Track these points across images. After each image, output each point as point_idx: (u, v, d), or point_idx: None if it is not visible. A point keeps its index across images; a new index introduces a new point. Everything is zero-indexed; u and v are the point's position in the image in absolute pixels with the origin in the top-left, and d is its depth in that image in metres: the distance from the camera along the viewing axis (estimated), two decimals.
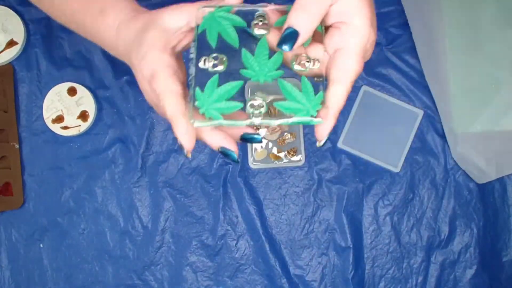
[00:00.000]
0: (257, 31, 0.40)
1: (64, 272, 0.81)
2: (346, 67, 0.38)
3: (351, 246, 0.81)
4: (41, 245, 0.81)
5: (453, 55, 0.74)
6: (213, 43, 0.40)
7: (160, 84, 0.40)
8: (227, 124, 0.38)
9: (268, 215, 0.82)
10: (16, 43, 0.82)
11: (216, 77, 0.38)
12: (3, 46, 0.81)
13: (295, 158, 0.82)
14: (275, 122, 0.38)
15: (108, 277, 0.81)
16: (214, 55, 0.40)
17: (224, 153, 0.40)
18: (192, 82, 0.39)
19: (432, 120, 0.83)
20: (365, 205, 0.82)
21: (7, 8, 0.82)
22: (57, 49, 0.83)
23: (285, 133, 0.82)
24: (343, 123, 0.83)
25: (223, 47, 0.40)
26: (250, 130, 0.40)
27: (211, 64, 0.39)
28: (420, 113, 0.82)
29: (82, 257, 0.81)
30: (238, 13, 0.41)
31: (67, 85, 0.82)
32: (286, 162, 0.82)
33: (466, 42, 0.74)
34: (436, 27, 0.74)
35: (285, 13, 0.40)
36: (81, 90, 0.81)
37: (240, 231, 0.82)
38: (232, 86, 0.38)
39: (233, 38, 0.40)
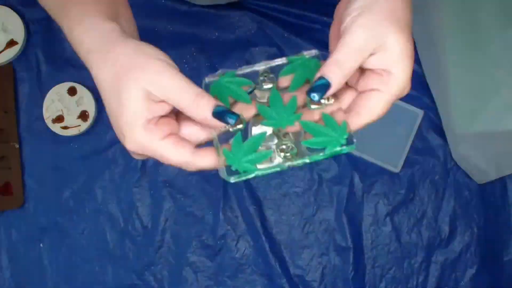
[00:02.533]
0: (265, 85, 0.42)
1: (64, 272, 0.81)
2: (374, 110, 0.39)
3: (351, 246, 0.81)
4: (41, 245, 0.81)
5: (453, 55, 0.74)
6: (227, 105, 0.40)
7: (158, 153, 0.38)
8: (262, 173, 0.39)
9: (268, 215, 0.82)
10: (16, 43, 0.82)
11: (239, 134, 0.39)
12: (3, 46, 0.81)
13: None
14: (306, 160, 0.39)
15: (108, 277, 0.81)
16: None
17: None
18: (216, 143, 0.41)
19: (432, 120, 0.83)
20: (365, 205, 0.82)
21: (7, 8, 0.82)
22: (57, 49, 0.83)
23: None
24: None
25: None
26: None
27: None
28: (420, 113, 0.82)
29: (82, 257, 0.81)
30: (241, 76, 0.42)
31: (67, 85, 0.82)
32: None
33: (466, 42, 0.74)
34: (436, 27, 0.75)
35: (284, 65, 0.43)
36: (81, 90, 0.81)
37: (240, 231, 0.82)
38: (257, 138, 0.40)
39: (244, 96, 0.41)
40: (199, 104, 0.37)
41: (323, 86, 0.37)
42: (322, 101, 0.39)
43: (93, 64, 0.38)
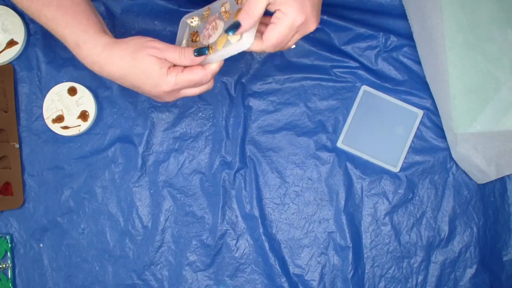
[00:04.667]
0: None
1: (64, 272, 0.81)
2: (270, 36, 0.58)
3: (351, 245, 0.81)
4: (41, 245, 0.82)
5: (453, 55, 0.74)
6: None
7: (185, 79, 0.60)
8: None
9: (268, 214, 0.83)
10: (16, 43, 0.82)
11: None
12: (3, 46, 0.81)
13: (234, 38, 0.59)
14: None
15: (108, 277, 0.81)
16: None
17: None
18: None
19: (432, 120, 0.83)
20: (364, 205, 0.82)
21: (7, 8, 0.82)
22: (57, 49, 0.83)
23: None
24: (343, 122, 0.83)
25: None
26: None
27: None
28: (420, 113, 0.82)
29: (82, 257, 0.82)
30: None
31: (67, 85, 0.82)
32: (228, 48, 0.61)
33: (466, 42, 0.74)
34: (436, 27, 0.74)
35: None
36: (81, 90, 0.82)
37: (240, 230, 0.82)
38: None
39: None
40: (184, 54, 0.59)
41: (235, 26, 0.57)
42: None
43: (109, 57, 0.59)
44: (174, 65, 0.60)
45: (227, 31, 0.56)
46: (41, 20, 0.61)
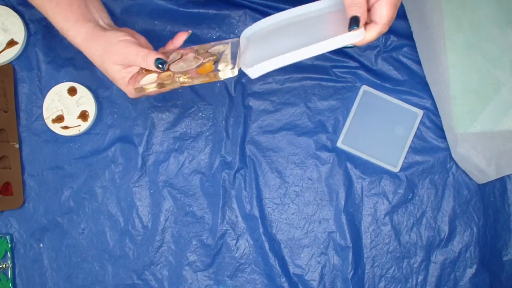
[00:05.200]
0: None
1: (64, 272, 0.81)
2: (383, 14, 0.55)
3: (351, 245, 0.81)
4: (41, 245, 0.82)
5: (453, 55, 0.74)
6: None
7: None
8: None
9: (268, 214, 0.83)
10: (16, 43, 0.82)
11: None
12: (3, 46, 0.82)
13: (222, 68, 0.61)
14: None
15: (108, 277, 0.81)
16: None
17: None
18: None
19: (432, 120, 0.83)
20: (364, 205, 0.82)
21: (7, 8, 0.82)
22: (57, 49, 0.83)
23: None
24: (343, 122, 0.83)
25: None
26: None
27: None
28: (420, 113, 0.82)
29: (82, 257, 0.82)
30: None
31: (67, 85, 0.82)
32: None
33: (466, 42, 0.74)
34: (436, 27, 0.74)
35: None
36: (81, 90, 0.82)
37: (240, 230, 0.82)
38: None
39: None
40: (147, 61, 0.60)
41: (355, 20, 0.54)
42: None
43: (86, 52, 0.63)
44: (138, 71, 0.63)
45: (350, 28, 0.54)
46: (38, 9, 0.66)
